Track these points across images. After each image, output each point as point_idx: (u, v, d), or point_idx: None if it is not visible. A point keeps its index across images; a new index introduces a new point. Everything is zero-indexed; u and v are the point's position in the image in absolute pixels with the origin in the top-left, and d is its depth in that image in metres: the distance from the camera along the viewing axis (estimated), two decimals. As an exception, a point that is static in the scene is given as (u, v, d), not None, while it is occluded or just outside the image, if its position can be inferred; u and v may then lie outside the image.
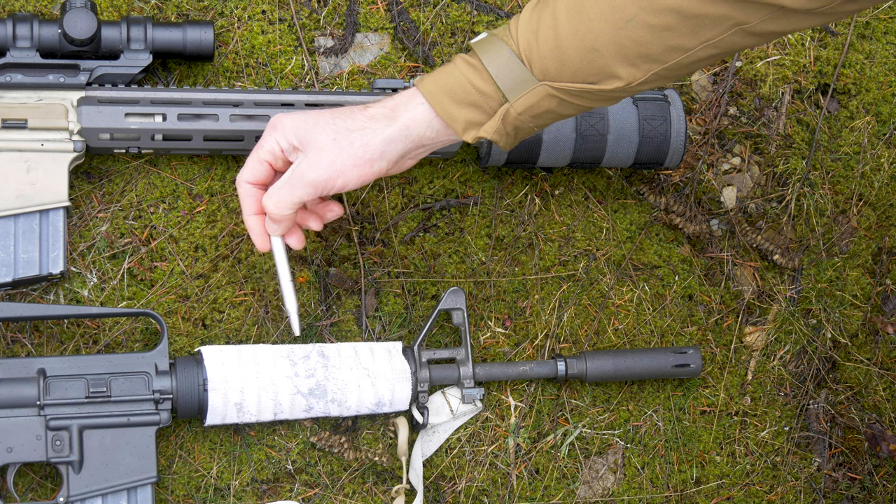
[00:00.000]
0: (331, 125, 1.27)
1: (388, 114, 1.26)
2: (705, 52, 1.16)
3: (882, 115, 1.74)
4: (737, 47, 1.17)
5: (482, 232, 1.60)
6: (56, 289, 1.45)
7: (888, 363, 1.73)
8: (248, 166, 1.32)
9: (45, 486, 1.42)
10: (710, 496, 1.67)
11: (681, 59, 1.17)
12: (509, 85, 1.21)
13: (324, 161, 1.26)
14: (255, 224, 1.35)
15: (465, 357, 1.52)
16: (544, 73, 1.20)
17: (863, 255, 1.74)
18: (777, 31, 1.15)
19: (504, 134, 1.25)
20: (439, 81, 1.24)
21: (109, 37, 1.39)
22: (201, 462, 1.48)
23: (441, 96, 1.24)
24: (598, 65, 1.18)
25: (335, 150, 1.26)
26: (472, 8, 1.61)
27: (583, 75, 1.19)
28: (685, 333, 1.67)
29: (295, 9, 1.55)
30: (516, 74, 1.21)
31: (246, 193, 1.34)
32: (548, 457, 1.61)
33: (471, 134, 1.24)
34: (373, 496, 1.54)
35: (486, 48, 1.22)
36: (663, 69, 1.18)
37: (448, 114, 1.23)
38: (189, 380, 1.38)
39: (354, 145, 1.26)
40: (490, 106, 1.23)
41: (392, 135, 1.26)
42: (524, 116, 1.23)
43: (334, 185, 1.27)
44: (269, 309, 1.51)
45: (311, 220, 1.37)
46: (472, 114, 1.23)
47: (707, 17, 1.13)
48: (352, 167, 1.26)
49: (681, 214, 1.65)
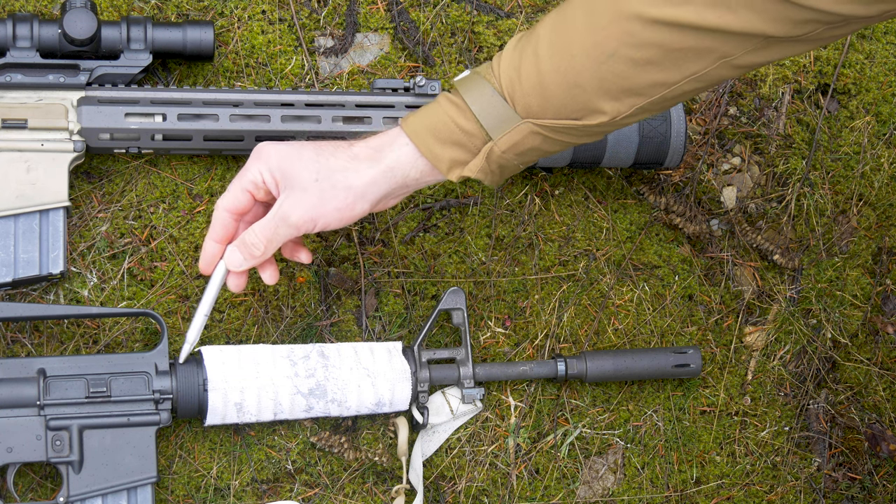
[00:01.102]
0: (314, 163, 1.25)
1: (372, 154, 1.25)
2: (690, 85, 1.15)
3: (882, 115, 1.74)
4: (722, 79, 1.16)
5: (482, 232, 1.60)
6: (56, 289, 1.45)
7: (888, 363, 1.73)
8: (229, 193, 1.30)
9: (45, 486, 1.42)
10: (710, 496, 1.67)
11: (665, 93, 1.16)
12: (493, 123, 1.20)
13: (306, 203, 1.25)
14: (210, 250, 1.33)
15: (465, 357, 1.52)
16: (527, 110, 1.19)
17: (863, 255, 1.74)
18: (762, 61, 1.14)
19: (489, 172, 1.24)
20: (424, 121, 1.23)
21: (109, 37, 1.39)
22: (201, 462, 1.48)
23: (425, 136, 1.23)
24: (582, 100, 1.17)
25: (317, 192, 1.24)
26: (472, 8, 1.61)
27: (566, 111, 1.18)
28: (685, 333, 1.67)
29: (295, 9, 1.55)
30: (499, 112, 1.20)
31: (219, 220, 1.31)
32: (548, 457, 1.61)
33: (455, 173, 1.24)
34: (373, 496, 1.54)
35: (468, 87, 1.22)
36: (648, 103, 1.17)
37: (432, 153, 1.23)
38: (189, 380, 1.38)
39: (337, 188, 1.24)
40: (474, 145, 1.22)
41: (375, 176, 1.24)
42: (508, 154, 1.22)
43: (315, 226, 1.26)
44: (269, 309, 1.51)
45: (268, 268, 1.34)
46: (457, 153, 1.22)
47: (690, 50, 1.12)
48: (333, 210, 1.25)
49: (681, 214, 1.65)
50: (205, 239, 1.33)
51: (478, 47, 1.61)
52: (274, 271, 1.34)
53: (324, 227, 1.27)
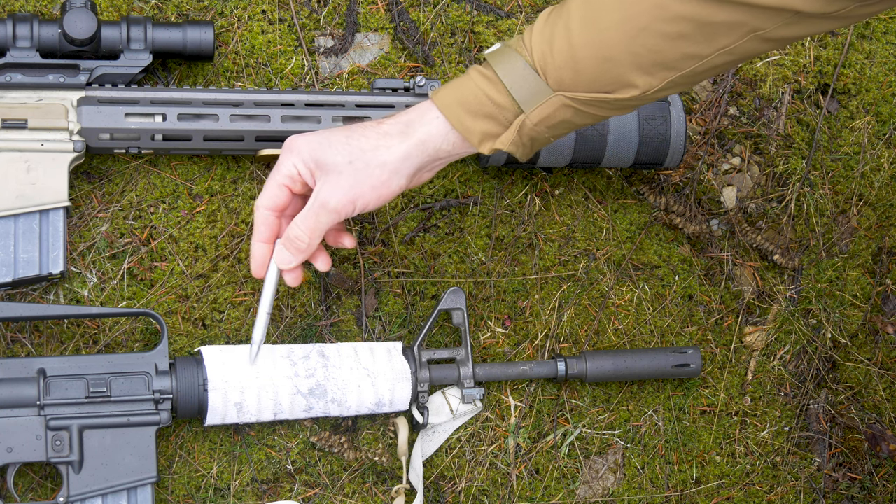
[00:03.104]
0: (345, 146, 1.26)
1: (402, 129, 1.25)
2: (721, 59, 1.16)
3: (882, 115, 1.74)
4: (752, 53, 1.16)
5: (482, 232, 1.60)
6: (56, 289, 1.45)
7: (888, 363, 1.73)
8: (267, 191, 1.31)
9: (45, 486, 1.42)
10: (710, 496, 1.67)
11: (696, 67, 1.17)
12: (525, 96, 1.21)
13: (343, 185, 1.25)
14: (260, 252, 1.34)
15: (465, 357, 1.52)
16: (559, 83, 1.19)
17: (863, 255, 1.74)
18: (792, 35, 1.15)
19: (520, 145, 1.24)
20: (454, 94, 1.24)
21: (109, 37, 1.39)
22: (201, 462, 1.48)
23: (457, 108, 1.23)
24: (614, 74, 1.18)
25: (352, 174, 1.25)
26: (472, 8, 1.61)
27: (598, 85, 1.19)
28: (685, 333, 1.67)
29: (295, 9, 1.55)
30: (531, 85, 1.20)
31: (262, 219, 1.32)
32: (548, 457, 1.61)
33: (487, 145, 1.24)
34: (373, 496, 1.54)
35: (500, 60, 1.22)
36: (679, 76, 1.18)
37: (464, 126, 1.23)
38: (189, 380, 1.38)
39: (371, 166, 1.25)
40: (506, 117, 1.22)
41: (408, 151, 1.25)
42: (540, 127, 1.22)
43: (354, 208, 1.27)
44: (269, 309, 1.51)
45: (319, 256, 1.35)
46: (488, 125, 1.23)
47: (722, 24, 1.13)
48: (370, 189, 1.26)
49: (681, 214, 1.65)
50: (251, 242, 1.34)
51: (478, 47, 1.61)
52: (325, 258, 1.35)
53: (363, 208, 1.27)
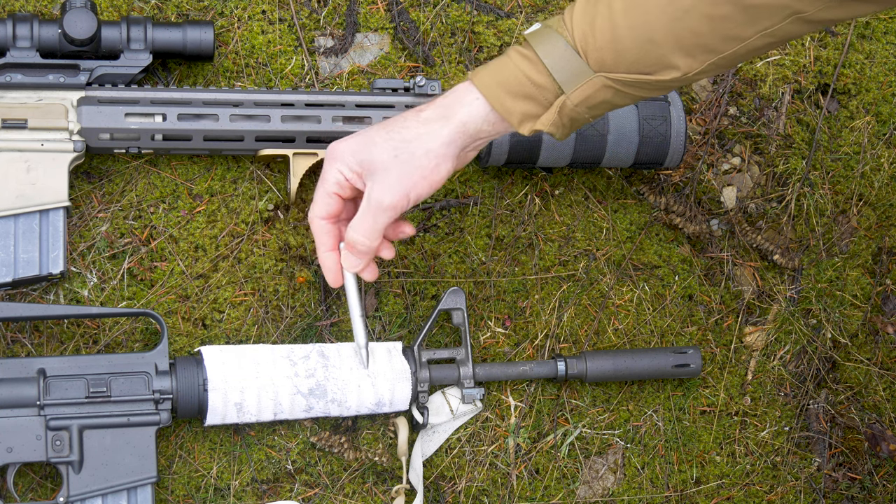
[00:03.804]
0: (388, 141, 1.26)
1: (442, 113, 1.25)
2: (762, 41, 1.16)
3: (882, 115, 1.74)
4: (793, 35, 1.17)
5: (482, 232, 1.60)
6: (56, 289, 1.45)
7: (888, 363, 1.73)
8: (318, 202, 1.31)
9: (45, 486, 1.42)
10: (710, 496, 1.67)
11: (737, 49, 1.17)
12: (565, 77, 1.21)
13: (393, 181, 1.26)
14: (330, 261, 1.34)
15: (465, 357, 1.52)
16: (600, 64, 1.19)
17: (863, 255, 1.74)
18: (834, 18, 1.15)
19: (560, 125, 1.24)
20: (494, 74, 1.24)
21: (109, 37, 1.39)
22: (201, 462, 1.48)
23: (496, 90, 1.23)
24: (655, 56, 1.18)
25: (400, 167, 1.25)
26: (472, 8, 1.61)
27: (639, 66, 1.19)
28: (685, 333, 1.67)
29: (295, 9, 1.55)
30: (572, 66, 1.20)
31: (320, 230, 1.33)
32: (548, 457, 1.61)
33: (527, 126, 1.24)
34: (373, 496, 1.54)
35: (540, 40, 1.22)
36: (720, 59, 1.18)
37: (504, 107, 1.23)
38: (189, 380, 1.38)
39: (417, 155, 1.25)
40: (546, 98, 1.22)
41: (451, 135, 1.25)
42: (580, 108, 1.22)
43: (408, 201, 1.27)
44: (269, 309, 1.51)
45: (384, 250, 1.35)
46: (528, 106, 1.23)
47: (764, 6, 1.13)
48: (420, 179, 1.26)
49: (681, 214, 1.65)
50: (318, 254, 1.35)
51: (478, 47, 1.61)
52: (389, 248, 1.35)
53: (416, 199, 1.27)
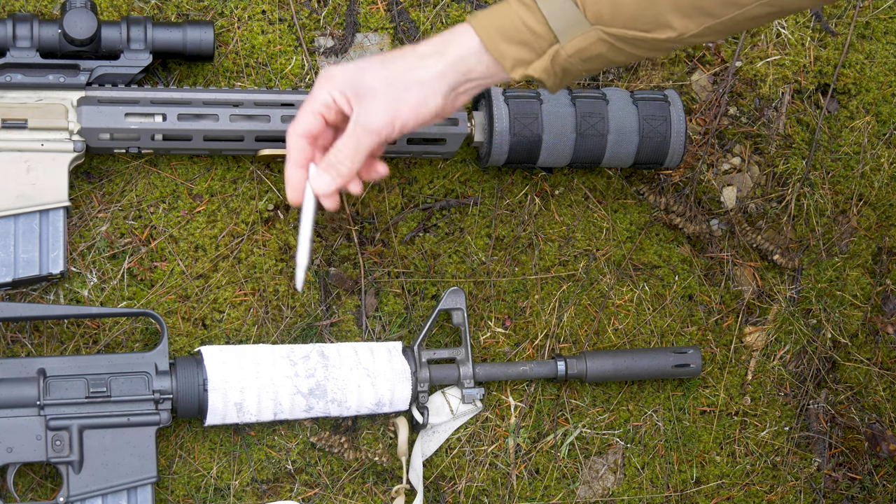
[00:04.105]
0: (381, 70, 1.27)
1: (437, 48, 1.26)
2: (761, 9, 1.17)
3: (882, 115, 1.74)
4: (793, 7, 1.17)
5: (482, 232, 1.60)
6: (56, 289, 1.45)
7: (888, 363, 1.73)
8: (301, 119, 1.30)
9: (45, 486, 1.42)
10: (710, 496, 1.67)
11: (735, 15, 1.17)
12: (561, 26, 1.21)
13: (381, 106, 1.26)
14: (296, 177, 1.32)
15: (465, 357, 1.52)
16: (598, 17, 1.20)
17: (863, 255, 1.74)
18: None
19: (552, 74, 1.25)
20: (492, 18, 1.25)
21: (109, 37, 1.39)
22: (201, 462, 1.48)
23: (492, 32, 1.24)
24: (653, 13, 1.18)
25: (390, 93, 1.26)
26: (472, 8, 1.61)
27: (636, 22, 1.19)
28: (685, 333, 1.67)
29: (295, 9, 1.55)
30: (569, 17, 1.21)
31: (295, 145, 1.31)
32: (548, 457, 1.61)
33: (519, 71, 1.25)
34: (373, 496, 1.54)
35: None
36: (717, 23, 1.18)
37: (498, 50, 1.24)
38: (189, 380, 1.38)
39: (409, 84, 1.26)
40: (540, 46, 1.23)
41: (443, 69, 1.26)
42: (574, 59, 1.23)
43: (394, 128, 1.27)
44: (269, 309, 1.51)
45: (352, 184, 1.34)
46: (522, 52, 1.24)
47: None
48: (408, 109, 1.26)
49: (681, 214, 1.65)
50: (286, 167, 1.33)
51: (478, 47, 1.61)
52: (358, 183, 1.34)
53: (402, 128, 1.27)
